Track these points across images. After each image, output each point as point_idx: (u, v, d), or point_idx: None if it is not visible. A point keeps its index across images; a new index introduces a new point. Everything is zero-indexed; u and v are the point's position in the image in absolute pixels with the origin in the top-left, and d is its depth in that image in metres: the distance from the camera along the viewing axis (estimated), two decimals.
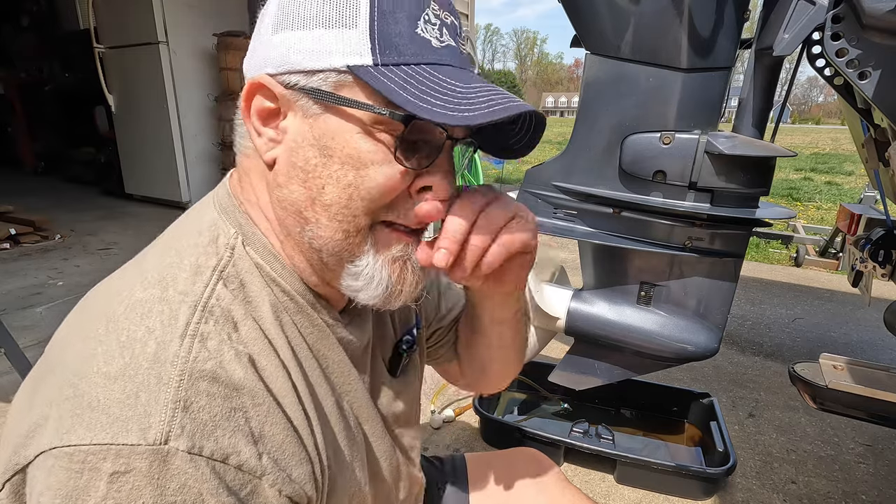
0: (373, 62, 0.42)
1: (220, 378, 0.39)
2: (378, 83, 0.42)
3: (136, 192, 5.04)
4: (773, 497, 1.47)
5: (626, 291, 1.15)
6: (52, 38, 6.24)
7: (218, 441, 0.37)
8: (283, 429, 0.42)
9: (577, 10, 1.00)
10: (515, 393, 1.93)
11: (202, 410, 0.37)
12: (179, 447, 0.35)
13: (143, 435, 0.35)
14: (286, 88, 0.45)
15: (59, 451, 0.35)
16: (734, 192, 0.98)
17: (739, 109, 1.01)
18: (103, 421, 0.35)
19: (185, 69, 4.42)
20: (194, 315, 0.41)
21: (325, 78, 0.43)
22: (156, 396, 0.36)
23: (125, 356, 0.38)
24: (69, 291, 2.70)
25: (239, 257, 0.47)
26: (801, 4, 0.87)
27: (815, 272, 3.66)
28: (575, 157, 1.08)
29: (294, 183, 0.46)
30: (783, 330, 2.65)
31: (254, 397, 0.41)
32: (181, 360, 0.38)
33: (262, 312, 0.46)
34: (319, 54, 0.43)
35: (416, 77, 0.42)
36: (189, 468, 0.36)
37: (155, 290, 0.42)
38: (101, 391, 0.37)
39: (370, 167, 0.44)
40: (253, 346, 0.43)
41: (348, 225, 0.46)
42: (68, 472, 0.34)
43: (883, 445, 1.72)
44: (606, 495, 1.45)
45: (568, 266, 1.57)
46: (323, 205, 0.45)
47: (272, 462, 0.41)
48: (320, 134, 0.44)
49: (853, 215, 1.59)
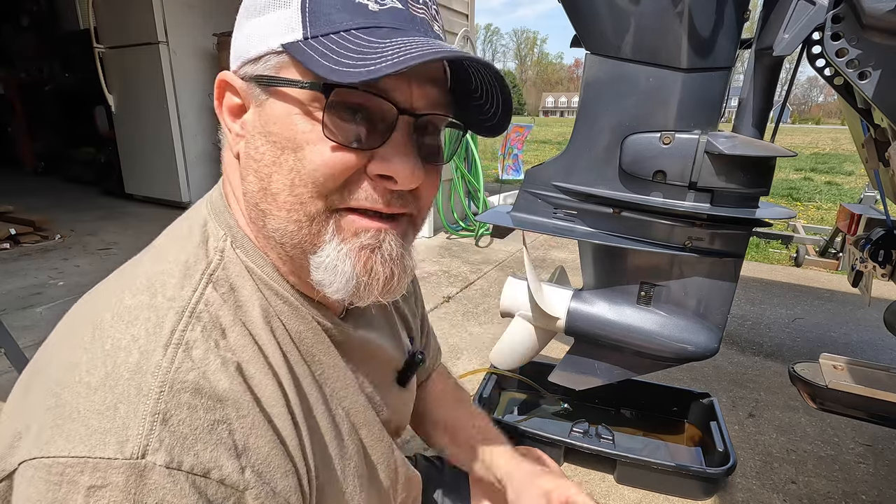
0: (303, 36, 0.41)
1: (203, 389, 0.38)
2: (302, 55, 0.40)
3: (137, 192, 5.04)
4: (773, 497, 1.47)
5: (626, 291, 1.15)
6: (52, 38, 6.23)
7: (199, 455, 0.36)
8: (269, 441, 0.41)
9: (577, 10, 1.00)
10: (515, 393, 1.93)
11: (182, 423, 0.36)
12: (157, 461, 0.34)
13: (120, 448, 0.34)
14: (244, 81, 0.45)
15: (38, 461, 0.34)
16: (734, 192, 0.98)
17: (739, 109, 1.01)
18: (82, 433, 0.34)
19: (185, 69, 4.42)
20: (180, 322, 0.40)
21: (266, 62, 0.43)
22: (134, 408, 0.35)
23: (107, 365, 0.37)
24: (69, 291, 2.70)
25: (229, 260, 0.46)
26: (801, 4, 0.87)
27: (815, 272, 3.66)
28: (575, 157, 1.08)
29: (250, 174, 0.45)
30: (783, 330, 2.65)
31: (238, 409, 0.39)
32: (162, 371, 0.37)
33: (253, 317, 0.45)
34: (260, 39, 0.43)
35: (340, 43, 0.40)
36: (167, 483, 0.34)
37: (143, 296, 0.41)
38: (81, 401, 0.36)
39: (306, 148, 0.42)
40: (242, 353, 0.42)
41: (297, 213, 0.43)
42: (47, 484, 0.34)
43: (883, 445, 1.72)
44: (606, 495, 1.45)
45: (568, 266, 1.57)
46: (271, 194, 0.44)
47: (255, 475, 0.39)
48: (265, 121, 0.44)
49: (853, 215, 1.59)
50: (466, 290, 3.06)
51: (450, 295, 2.95)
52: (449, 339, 2.38)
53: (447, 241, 4.12)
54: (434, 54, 0.38)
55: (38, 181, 6.06)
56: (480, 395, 1.73)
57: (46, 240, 3.61)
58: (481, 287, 3.10)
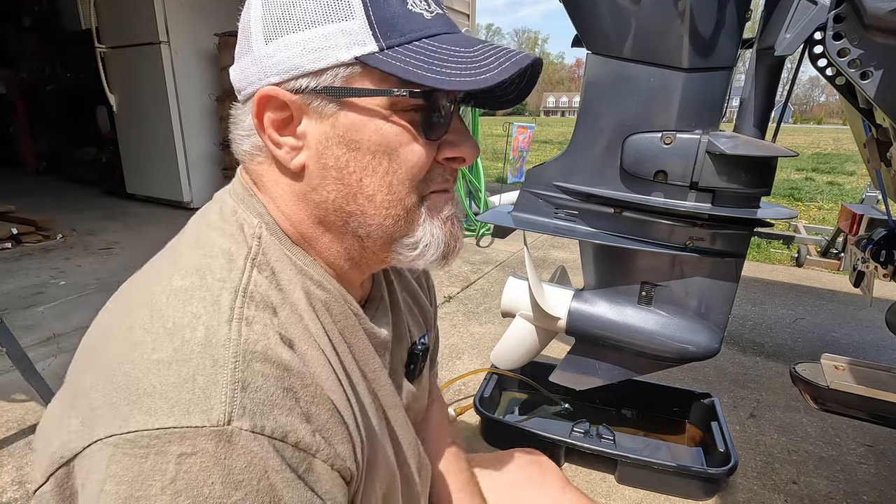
0: (378, 48, 0.43)
1: (272, 359, 0.40)
2: (391, 67, 0.43)
3: (138, 192, 5.05)
4: (774, 497, 1.47)
5: (627, 291, 1.15)
6: (53, 38, 6.24)
7: (277, 420, 0.38)
8: (328, 409, 0.43)
9: (579, 10, 1.00)
10: (516, 393, 1.93)
11: (259, 390, 0.38)
12: (243, 427, 0.36)
13: (206, 416, 0.35)
14: (296, 94, 0.45)
15: (118, 438, 0.35)
16: (735, 192, 0.98)
17: (741, 109, 1.01)
18: (163, 406, 0.35)
19: (186, 69, 4.43)
20: (237, 300, 0.41)
21: (334, 74, 0.44)
22: (213, 378, 0.37)
23: (175, 342, 0.38)
24: (71, 291, 2.70)
25: (267, 246, 0.47)
26: (802, 4, 0.87)
27: (817, 272, 3.65)
28: (576, 157, 1.08)
29: (329, 183, 0.47)
30: (784, 330, 2.65)
31: (302, 378, 0.41)
32: (233, 343, 0.38)
33: (296, 299, 0.46)
34: (323, 52, 0.43)
35: (423, 52, 0.44)
36: (254, 447, 0.36)
37: (193, 278, 0.42)
38: (154, 377, 0.37)
39: (400, 149, 0.46)
40: (293, 331, 0.44)
41: (396, 209, 0.48)
42: (132, 458, 0.34)
43: (884, 446, 1.71)
44: (607, 495, 1.45)
45: (569, 266, 1.57)
46: (366, 196, 0.47)
47: (324, 440, 0.41)
48: (344, 130, 0.45)
49: (855, 215, 1.59)
50: (467, 289, 3.06)
51: (451, 295, 2.95)
52: (450, 339, 2.38)
53: None
54: (525, 60, 0.44)
55: (40, 181, 6.07)
56: (481, 395, 1.73)
57: (48, 239, 3.62)
58: (482, 287, 3.10)
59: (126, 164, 5.05)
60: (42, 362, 1.92)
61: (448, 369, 2.10)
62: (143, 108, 4.58)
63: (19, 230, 3.50)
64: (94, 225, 4.08)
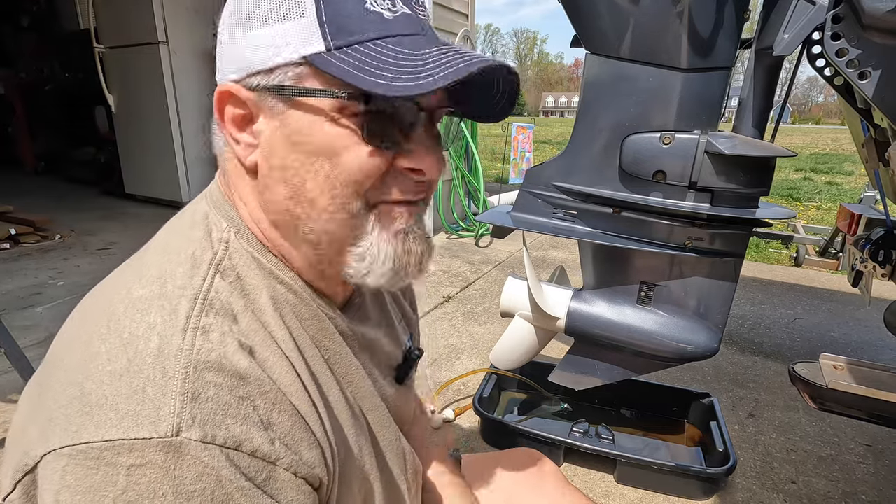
0: (325, 48, 0.42)
1: (226, 368, 0.39)
2: (332, 67, 0.41)
3: (137, 193, 5.04)
4: (773, 497, 1.47)
5: (626, 291, 1.15)
6: (52, 38, 6.22)
7: (230, 429, 0.38)
8: (291, 416, 0.42)
9: (578, 10, 1.00)
10: (515, 393, 1.93)
11: (210, 400, 0.37)
12: (192, 437, 0.36)
13: (155, 428, 0.35)
14: (251, 91, 0.45)
15: (70, 449, 0.35)
16: (734, 192, 0.98)
17: (739, 109, 1.01)
18: (113, 417, 0.36)
19: (185, 69, 4.42)
20: (195, 308, 0.41)
21: (284, 73, 0.43)
22: (163, 390, 0.36)
23: (128, 352, 0.38)
24: (69, 291, 2.70)
25: (234, 250, 0.47)
26: (801, 4, 0.87)
27: (816, 272, 3.66)
28: (575, 157, 1.08)
29: (277, 184, 0.46)
30: (783, 330, 2.65)
31: (260, 385, 0.41)
32: (185, 353, 0.38)
33: (261, 304, 0.46)
34: (274, 50, 0.43)
35: (368, 54, 0.42)
36: (205, 457, 0.36)
37: (153, 286, 0.42)
38: (107, 388, 0.37)
39: (342, 154, 0.44)
40: (253, 338, 0.43)
41: (339, 214, 0.45)
42: (85, 469, 0.35)
43: (883, 445, 1.72)
44: (606, 495, 1.45)
45: (568, 266, 1.57)
46: (308, 200, 0.45)
47: (284, 447, 0.41)
48: (290, 131, 0.44)
49: (853, 215, 1.59)
50: (466, 290, 3.06)
51: (450, 295, 2.95)
52: (449, 339, 2.38)
53: (447, 241, 4.13)
54: (476, 65, 0.40)
55: (39, 181, 6.05)
56: (480, 395, 1.73)
57: (46, 240, 3.61)
58: (481, 287, 3.10)
59: (125, 165, 5.03)
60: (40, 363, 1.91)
61: (447, 369, 2.10)
62: (142, 108, 4.57)
63: (18, 230, 3.50)
64: (92, 225, 4.08)
